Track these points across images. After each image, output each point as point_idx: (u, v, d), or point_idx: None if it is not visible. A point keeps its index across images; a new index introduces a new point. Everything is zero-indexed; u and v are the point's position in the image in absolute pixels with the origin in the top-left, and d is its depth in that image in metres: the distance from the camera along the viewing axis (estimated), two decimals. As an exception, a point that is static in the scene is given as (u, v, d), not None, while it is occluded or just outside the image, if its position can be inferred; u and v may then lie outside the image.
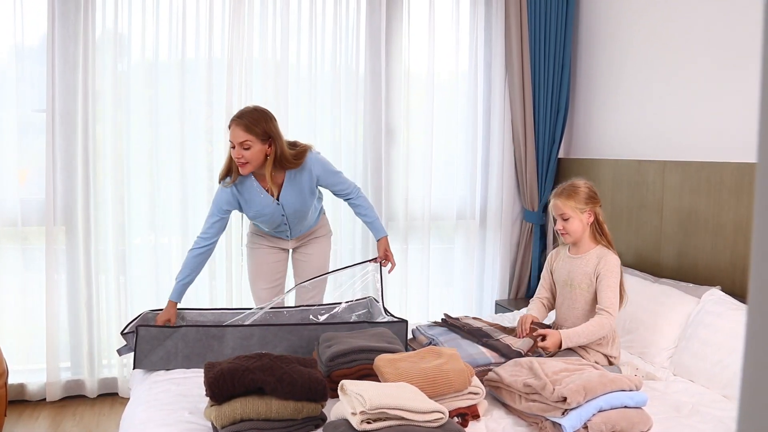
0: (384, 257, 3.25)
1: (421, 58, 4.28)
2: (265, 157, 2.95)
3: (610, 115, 4.10)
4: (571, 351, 2.81)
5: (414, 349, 2.79)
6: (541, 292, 3.08)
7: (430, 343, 2.82)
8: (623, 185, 3.84)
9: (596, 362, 2.76)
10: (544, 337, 2.68)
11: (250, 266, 3.34)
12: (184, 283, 3.01)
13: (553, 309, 3.08)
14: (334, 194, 3.23)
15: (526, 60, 4.30)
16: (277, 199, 3.06)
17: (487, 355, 2.63)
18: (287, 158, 2.98)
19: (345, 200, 3.25)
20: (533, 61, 4.32)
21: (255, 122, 2.90)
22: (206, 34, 3.90)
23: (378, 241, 3.27)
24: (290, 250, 3.37)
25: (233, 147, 2.91)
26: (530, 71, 4.32)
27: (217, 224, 3.05)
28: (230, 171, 3.02)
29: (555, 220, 2.91)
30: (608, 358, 2.82)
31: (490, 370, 2.55)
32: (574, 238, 2.88)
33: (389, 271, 3.31)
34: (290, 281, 3.40)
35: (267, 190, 3.04)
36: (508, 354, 2.63)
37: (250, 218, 3.18)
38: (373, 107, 4.19)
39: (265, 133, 2.92)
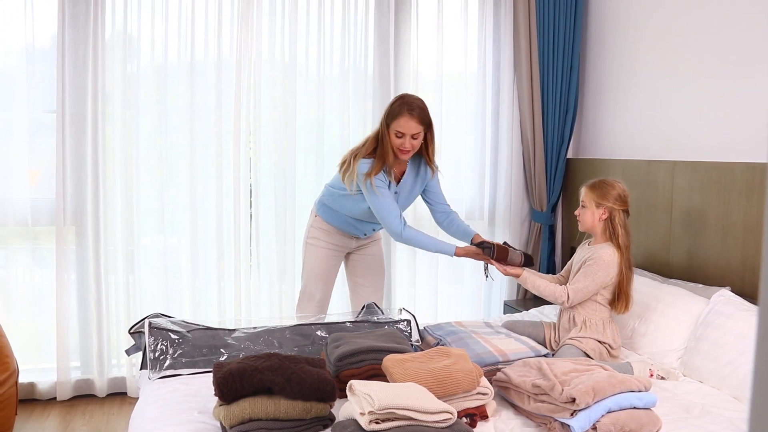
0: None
1: (429, 58, 4.28)
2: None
3: (620, 115, 4.09)
4: (575, 348, 2.84)
5: (422, 350, 2.79)
6: (563, 270, 3.24)
7: (438, 344, 2.82)
8: (633, 185, 3.82)
9: (593, 349, 2.85)
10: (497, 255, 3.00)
11: (309, 263, 3.37)
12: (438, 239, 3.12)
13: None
14: (432, 203, 3.33)
15: (535, 60, 4.30)
16: (397, 185, 3.16)
17: (495, 354, 2.63)
18: (434, 150, 3.16)
19: (442, 208, 3.32)
20: (542, 61, 4.31)
21: (425, 113, 3.03)
22: (215, 36, 3.91)
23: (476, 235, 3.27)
24: (346, 254, 3.47)
25: (400, 136, 2.97)
26: (539, 71, 4.31)
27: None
28: (385, 157, 3.04)
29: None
30: (604, 346, 2.86)
31: (498, 369, 2.56)
32: (584, 227, 3.05)
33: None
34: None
35: (393, 177, 3.14)
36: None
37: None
38: (381, 107, 4.17)
39: (430, 122, 3.07)
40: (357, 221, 3.28)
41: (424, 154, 3.14)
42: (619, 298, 2.93)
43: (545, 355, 2.68)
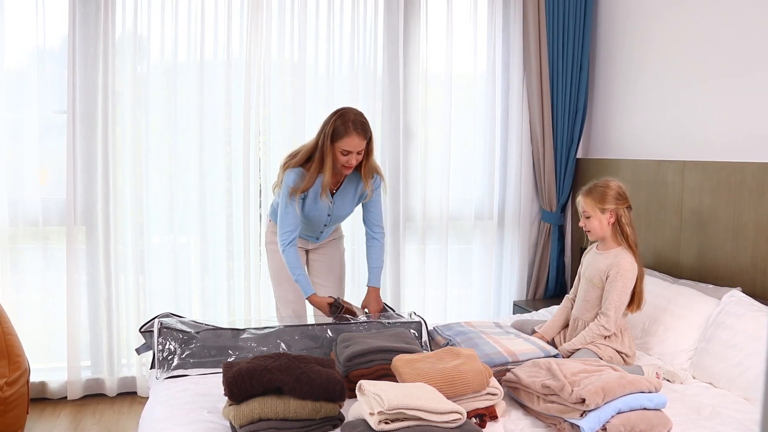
0: (371, 310, 3.20)
1: (438, 58, 4.27)
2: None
3: (629, 115, 4.07)
4: (591, 354, 2.82)
5: (432, 350, 2.79)
6: (573, 289, 3.16)
7: (448, 344, 2.82)
8: (642, 185, 3.81)
9: (610, 357, 2.81)
10: None
11: (273, 268, 3.31)
12: (305, 275, 3.09)
13: None
14: (366, 218, 3.28)
15: (545, 60, 4.29)
16: (332, 198, 3.13)
17: (505, 354, 2.62)
18: (373, 164, 3.13)
19: (370, 231, 3.27)
20: (551, 61, 4.30)
21: (368, 127, 3.02)
22: (225, 35, 3.92)
23: (371, 288, 3.24)
24: (306, 251, 3.39)
25: (345, 154, 2.96)
26: (548, 71, 4.30)
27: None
28: (320, 173, 3.02)
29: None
30: (621, 355, 2.83)
31: (508, 370, 2.55)
32: (595, 236, 2.97)
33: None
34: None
35: (329, 188, 3.11)
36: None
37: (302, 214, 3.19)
38: (390, 107, 4.18)
39: (371, 135, 3.06)
40: (304, 226, 3.22)
41: (362, 167, 3.09)
42: (633, 297, 2.90)
43: (555, 356, 2.67)
